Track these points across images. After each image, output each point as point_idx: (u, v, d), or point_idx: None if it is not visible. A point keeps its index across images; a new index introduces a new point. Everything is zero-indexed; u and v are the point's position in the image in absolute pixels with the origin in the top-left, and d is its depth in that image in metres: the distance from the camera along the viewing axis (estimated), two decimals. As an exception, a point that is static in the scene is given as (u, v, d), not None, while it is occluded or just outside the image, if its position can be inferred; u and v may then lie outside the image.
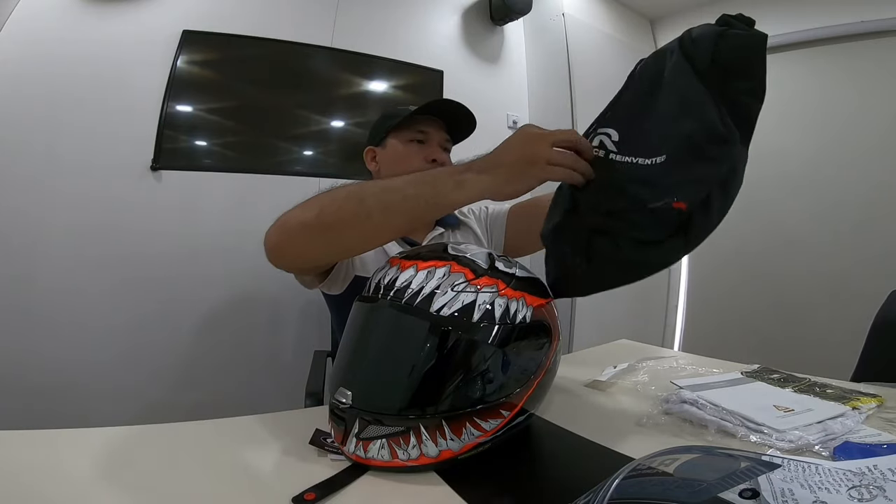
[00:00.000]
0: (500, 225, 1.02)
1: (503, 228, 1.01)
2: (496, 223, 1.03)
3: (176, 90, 1.48)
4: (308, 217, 0.63)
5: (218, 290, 1.53)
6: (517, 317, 0.52)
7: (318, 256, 0.71)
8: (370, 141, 1.01)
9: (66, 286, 1.34)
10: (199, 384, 1.50)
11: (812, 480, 0.36)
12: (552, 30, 2.17)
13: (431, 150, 0.94)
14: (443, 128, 0.96)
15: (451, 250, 0.57)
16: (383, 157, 0.98)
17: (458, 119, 0.95)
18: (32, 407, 1.27)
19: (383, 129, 0.97)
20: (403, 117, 0.93)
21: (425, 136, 0.94)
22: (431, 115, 0.95)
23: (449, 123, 0.96)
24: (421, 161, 0.92)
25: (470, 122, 0.96)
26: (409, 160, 0.93)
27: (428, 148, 0.94)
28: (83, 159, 1.37)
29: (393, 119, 0.95)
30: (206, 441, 0.57)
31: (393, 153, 0.96)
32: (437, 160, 0.92)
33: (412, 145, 0.94)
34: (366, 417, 0.48)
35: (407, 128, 0.94)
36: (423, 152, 0.93)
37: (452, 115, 0.95)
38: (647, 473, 0.33)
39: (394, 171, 0.94)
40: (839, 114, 1.96)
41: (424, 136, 0.94)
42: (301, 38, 1.68)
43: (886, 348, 1.00)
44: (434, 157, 0.93)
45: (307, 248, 0.66)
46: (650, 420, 0.62)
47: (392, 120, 0.95)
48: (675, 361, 0.91)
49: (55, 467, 0.48)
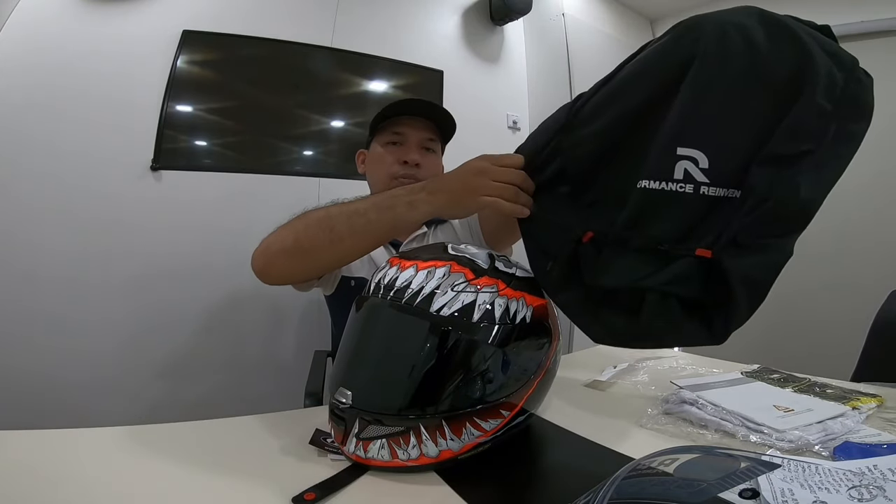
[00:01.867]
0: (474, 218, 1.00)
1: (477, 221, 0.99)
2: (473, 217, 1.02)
3: (176, 90, 1.48)
4: (286, 244, 0.71)
5: (218, 290, 1.53)
6: (517, 317, 0.52)
7: (300, 275, 0.78)
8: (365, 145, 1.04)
9: (67, 286, 1.34)
10: (199, 384, 1.50)
11: (812, 480, 0.36)
12: (552, 30, 2.17)
13: (404, 150, 0.94)
14: (427, 127, 0.96)
15: (451, 250, 0.57)
16: (368, 159, 1.01)
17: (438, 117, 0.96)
18: (32, 407, 1.27)
19: (370, 132, 0.99)
20: (375, 118, 0.95)
21: (401, 136, 0.95)
22: (413, 115, 0.95)
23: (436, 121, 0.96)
24: (393, 163, 0.93)
25: (447, 119, 0.96)
26: (384, 162, 0.94)
27: (402, 149, 0.94)
28: (83, 159, 1.37)
29: (377, 121, 0.97)
30: (206, 441, 0.57)
31: (373, 155, 0.98)
32: (408, 161, 0.92)
33: (389, 147, 0.95)
34: (366, 417, 0.48)
35: (385, 129, 0.95)
36: (397, 153, 0.94)
37: (433, 113, 0.95)
38: (647, 473, 0.32)
39: (372, 173, 0.98)
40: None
41: (400, 136, 0.95)
42: (301, 38, 1.68)
43: (886, 348, 1.00)
44: (405, 158, 0.92)
45: (289, 269, 0.74)
46: (650, 420, 0.62)
47: (376, 122, 0.97)
48: (675, 361, 0.91)
49: (55, 467, 0.48)
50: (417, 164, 0.93)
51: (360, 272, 0.91)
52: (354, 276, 0.91)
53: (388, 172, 0.93)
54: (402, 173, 0.92)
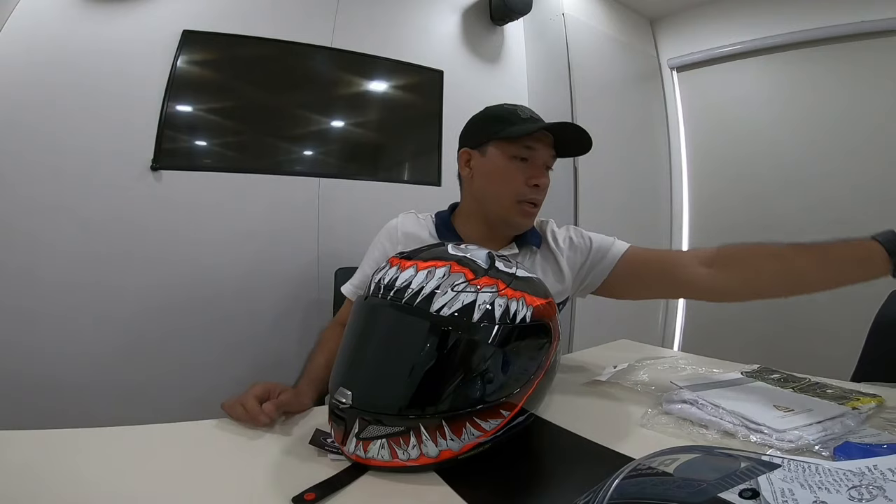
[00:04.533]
0: (608, 263, 0.90)
1: (610, 267, 0.89)
2: (600, 261, 0.90)
3: (176, 90, 1.47)
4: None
5: (218, 290, 1.53)
6: (517, 317, 0.52)
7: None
8: (466, 140, 0.90)
9: (67, 286, 1.34)
10: (200, 384, 1.50)
11: (812, 480, 0.36)
12: (552, 30, 2.17)
13: (535, 171, 0.84)
14: (551, 143, 0.85)
15: (452, 250, 0.57)
16: (480, 165, 0.87)
17: (569, 135, 0.85)
18: (33, 407, 1.27)
19: (485, 134, 0.86)
20: (518, 132, 0.82)
21: (532, 153, 0.83)
22: (555, 132, 0.84)
23: (557, 137, 0.85)
24: (522, 183, 0.83)
25: (584, 143, 0.85)
26: (511, 179, 0.83)
27: (532, 168, 0.83)
28: (83, 159, 1.36)
29: (500, 125, 0.84)
30: (207, 441, 0.57)
31: (492, 166, 0.85)
32: (539, 185, 0.84)
33: (515, 162, 0.83)
34: (366, 417, 0.48)
35: (515, 140, 0.83)
36: (527, 172, 0.83)
37: (567, 131, 0.85)
38: (647, 473, 0.32)
39: (490, 185, 0.86)
40: (839, 114, 1.96)
41: (531, 153, 0.83)
42: (301, 38, 1.68)
43: (886, 348, 1.00)
44: (537, 181, 0.83)
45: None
46: (650, 420, 0.62)
47: (500, 126, 0.84)
48: (675, 361, 0.91)
49: (55, 467, 0.48)
50: (545, 188, 0.86)
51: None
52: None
53: (516, 192, 0.83)
54: (530, 197, 0.84)
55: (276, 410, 0.60)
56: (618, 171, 2.26)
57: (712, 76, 2.36)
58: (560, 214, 2.02)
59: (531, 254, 0.92)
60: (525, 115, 0.85)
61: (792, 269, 0.73)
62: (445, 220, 0.94)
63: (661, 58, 2.52)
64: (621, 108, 2.32)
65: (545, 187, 0.86)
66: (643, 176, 2.41)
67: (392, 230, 0.94)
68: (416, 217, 0.96)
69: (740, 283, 0.78)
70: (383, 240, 0.94)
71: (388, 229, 0.95)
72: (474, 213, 0.91)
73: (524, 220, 0.86)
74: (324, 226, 1.69)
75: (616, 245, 0.91)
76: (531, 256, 0.92)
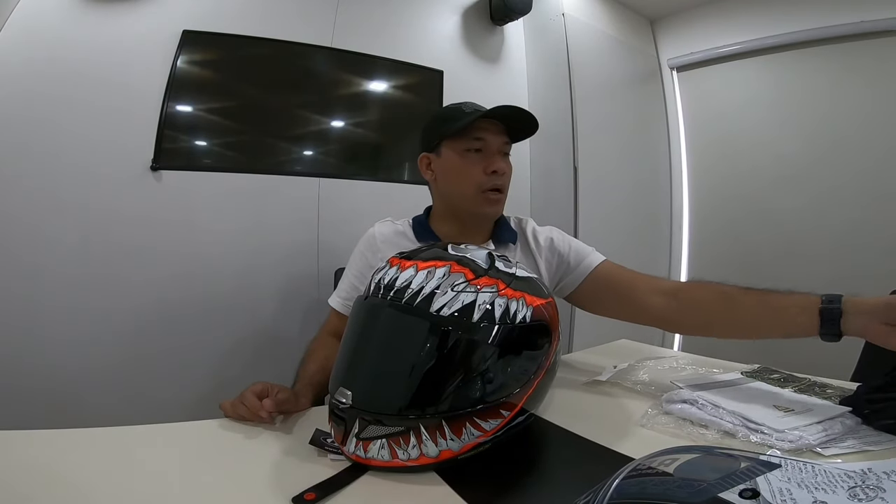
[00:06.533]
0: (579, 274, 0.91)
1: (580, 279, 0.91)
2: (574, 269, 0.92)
3: (176, 90, 1.47)
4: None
5: (218, 290, 1.53)
6: (517, 317, 0.52)
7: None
8: (424, 146, 0.93)
9: (67, 286, 1.34)
10: (199, 384, 1.50)
11: (811, 481, 0.36)
12: (552, 30, 2.17)
13: (490, 159, 0.86)
14: (501, 130, 0.87)
15: (452, 250, 0.57)
16: (440, 166, 0.90)
17: (517, 119, 0.87)
18: (33, 406, 1.27)
19: (437, 135, 0.89)
20: (461, 126, 0.84)
21: (483, 143, 0.86)
22: (496, 118, 0.86)
23: (507, 124, 0.88)
24: (481, 173, 0.85)
25: (531, 123, 0.88)
26: (469, 172, 0.86)
27: (486, 157, 0.86)
28: (83, 159, 1.36)
29: (448, 123, 0.87)
30: (207, 441, 0.57)
31: (450, 164, 0.88)
32: (497, 171, 0.86)
33: (469, 155, 0.86)
34: (366, 417, 0.48)
35: (463, 135, 0.85)
36: (483, 162, 0.86)
37: (512, 116, 0.86)
38: (647, 473, 0.33)
39: (452, 183, 0.89)
40: (840, 114, 1.96)
41: (482, 143, 0.86)
42: (301, 38, 1.68)
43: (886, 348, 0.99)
44: (494, 167, 0.85)
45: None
46: (650, 420, 0.62)
47: (447, 125, 0.87)
48: (675, 361, 0.91)
49: (55, 467, 0.48)
50: (504, 173, 0.87)
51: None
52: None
53: (476, 183, 0.86)
54: (491, 185, 0.86)
55: (275, 407, 0.61)
56: (618, 171, 2.26)
57: (712, 76, 2.37)
58: (560, 214, 2.02)
59: (507, 251, 0.93)
60: (469, 109, 0.88)
61: (736, 309, 0.75)
62: (423, 222, 0.96)
63: (661, 58, 2.52)
64: (621, 108, 2.32)
65: (504, 172, 0.88)
66: (643, 176, 2.41)
67: (371, 239, 0.95)
68: (393, 223, 0.97)
69: (690, 319, 0.81)
70: (363, 249, 0.96)
71: (367, 238, 0.96)
72: (445, 212, 0.94)
73: (492, 208, 0.88)
74: (324, 226, 1.69)
75: (591, 256, 0.92)
76: (509, 254, 0.92)
